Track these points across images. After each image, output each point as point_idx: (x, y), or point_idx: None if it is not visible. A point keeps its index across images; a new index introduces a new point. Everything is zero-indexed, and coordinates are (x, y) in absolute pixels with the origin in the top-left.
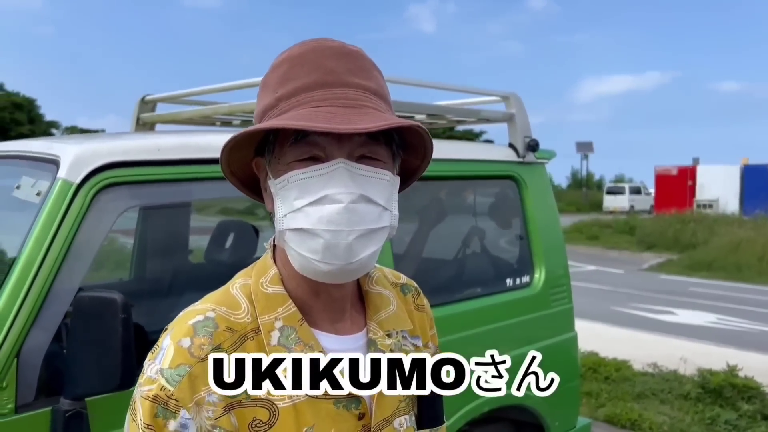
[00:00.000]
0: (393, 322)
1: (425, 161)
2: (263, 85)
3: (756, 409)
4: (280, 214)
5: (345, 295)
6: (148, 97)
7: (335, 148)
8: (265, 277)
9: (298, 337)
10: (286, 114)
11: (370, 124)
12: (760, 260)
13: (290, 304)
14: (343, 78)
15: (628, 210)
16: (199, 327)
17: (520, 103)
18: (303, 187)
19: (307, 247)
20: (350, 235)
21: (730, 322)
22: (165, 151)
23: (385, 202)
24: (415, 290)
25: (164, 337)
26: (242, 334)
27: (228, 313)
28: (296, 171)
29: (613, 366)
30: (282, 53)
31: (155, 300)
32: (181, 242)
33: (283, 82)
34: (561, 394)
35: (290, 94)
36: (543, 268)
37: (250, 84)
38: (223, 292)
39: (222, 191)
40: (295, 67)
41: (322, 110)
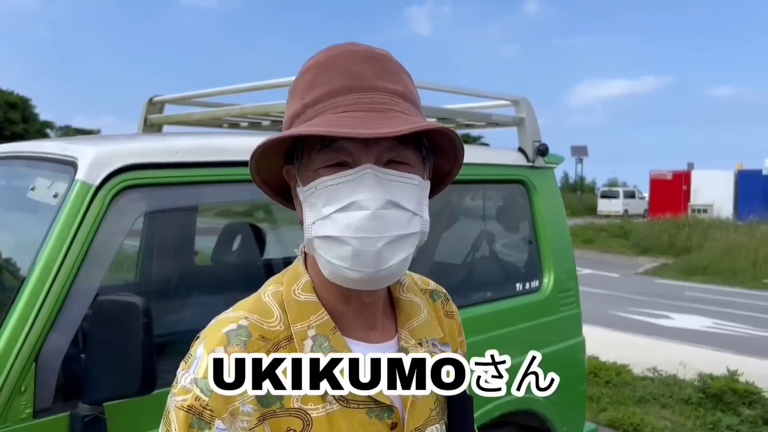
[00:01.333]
0: (424, 330)
1: (457, 164)
2: (291, 91)
3: (758, 414)
4: (309, 221)
5: (376, 302)
6: (155, 98)
7: (362, 154)
8: (297, 285)
9: (331, 346)
10: (313, 120)
11: (396, 128)
12: (754, 265)
13: (323, 312)
14: (370, 82)
15: (622, 214)
16: (232, 336)
17: (529, 108)
18: (330, 194)
19: (336, 255)
20: (379, 242)
21: (727, 327)
22: (182, 154)
23: (415, 207)
24: (444, 296)
25: (197, 346)
26: (275, 342)
27: (261, 321)
28: (324, 178)
29: (614, 370)
30: (309, 59)
31: (163, 302)
32: (188, 244)
33: (309, 88)
34: (569, 398)
35: (317, 100)
36: (552, 272)
37: (258, 87)
38: (255, 300)
39: (240, 194)
40: (321, 72)
41: (349, 115)
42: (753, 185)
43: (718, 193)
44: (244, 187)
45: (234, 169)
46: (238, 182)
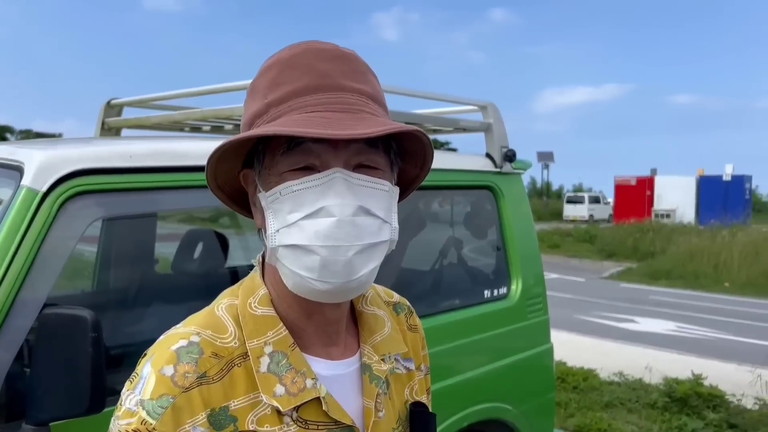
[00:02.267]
0: (388, 345)
1: (425, 169)
2: (251, 90)
3: (722, 418)
4: (272, 229)
5: (340, 317)
6: (113, 101)
7: (331, 157)
8: (253, 298)
9: (290, 363)
10: (278, 120)
11: (368, 129)
12: (715, 269)
13: (281, 327)
14: (337, 81)
15: (588, 219)
16: (182, 353)
17: (497, 113)
18: (297, 200)
19: (302, 265)
20: (349, 251)
21: (690, 330)
22: (138, 158)
23: (385, 215)
24: (408, 309)
25: (144, 364)
26: (229, 360)
27: (214, 337)
28: (289, 182)
29: (581, 375)
30: (271, 56)
31: (120, 312)
32: (148, 252)
33: (272, 86)
34: (537, 406)
35: (281, 100)
36: (520, 279)
37: (221, 89)
38: (207, 314)
39: (202, 201)
40: (285, 70)
41: (317, 115)
42: (714, 191)
43: (680, 198)
44: (206, 194)
45: (194, 175)
46: (199, 188)
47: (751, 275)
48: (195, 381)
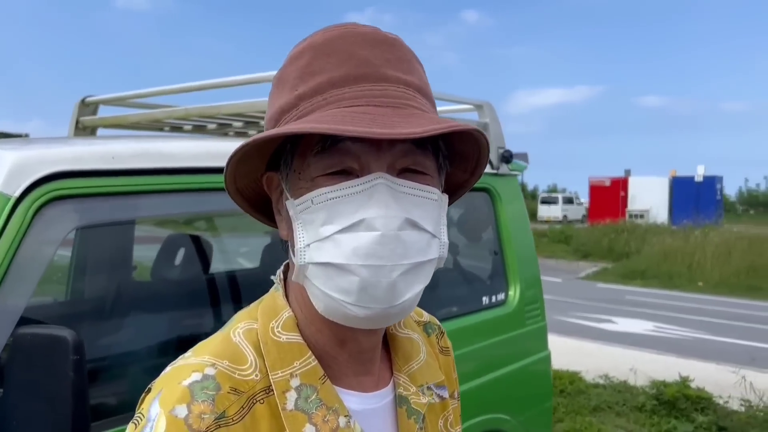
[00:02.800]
0: (425, 374)
1: (476, 174)
2: (279, 80)
3: (711, 421)
4: (302, 243)
5: (376, 344)
6: (88, 99)
7: (372, 159)
8: (276, 321)
9: (320, 399)
10: (310, 116)
11: (419, 128)
12: (689, 268)
13: (309, 356)
14: (380, 71)
15: (561, 219)
16: (196, 389)
17: (493, 113)
18: (332, 210)
19: (337, 287)
20: (394, 272)
21: (668, 330)
22: (121, 159)
23: (434, 228)
24: (439, 330)
25: (150, 403)
26: (250, 395)
27: (231, 369)
28: (324, 189)
29: (567, 378)
30: (302, 41)
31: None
32: (125, 259)
33: (304, 76)
34: (535, 416)
35: (314, 91)
36: (518, 284)
37: (201, 87)
38: (222, 340)
39: (189, 205)
40: (319, 57)
41: (357, 110)
42: (686, 191)
43: (653, 198)
44: (194, 198)
45: (182, 177)
46: (187, 191)
47: (724, 274)
48: (213, 423)
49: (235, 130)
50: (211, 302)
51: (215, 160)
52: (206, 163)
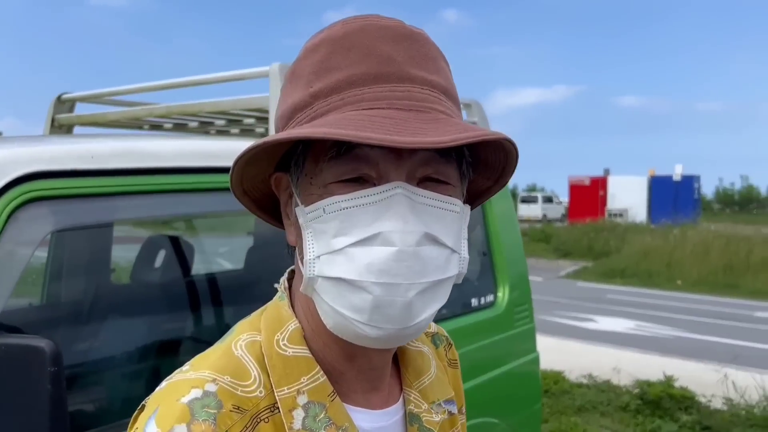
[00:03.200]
0: (436, 389)
1: (500, 183)
2: (292, 75)
3: (695, 420)
4: (312, 254)
5: (388, 361)
6: (65, 96)
7: (392, 167)
8: (281, 333)
9: (329, 417)
10: (326, 117)
11: (446, 137)
12: (668, 267)
13: (318, 371)
14: (404, 69)
15: (541, 219)
16: (197, 407)
17: (481, 111)
18: (346, 220)
19: (348, 304)
20: (410, 291)
21: (648, 329)
22: (101, 159)
23: (454, 243)
24: (447, 341)
25: (145, 422)
26: (254, 414)
27: (234, 385)
28: (337, 197)
29: (552, 378)
30: (318, 33)
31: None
32: (104, 262)
33: (320, 72)
34: (525, 418)
35: (331, 90)
36: (507, 285)
37: (182, 84)
38: (223, 354)
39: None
40: (337, 52)
41: (377, 114)
42: (665, 190)
43: (632, 198)
44: (180, 199)
45: (166, 178)
46: (172, 192)
47: (702, 273)
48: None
49: (218, 128)
50: (193, 305)
51: (201, 160)
52: (192, 163)
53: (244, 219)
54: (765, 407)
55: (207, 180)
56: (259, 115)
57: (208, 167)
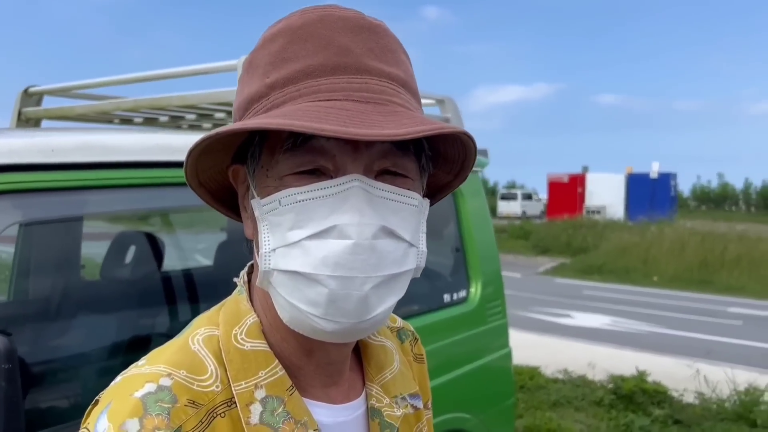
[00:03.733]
0: (399, 384)
1: (460, 177)
2: (249, 66)
3: (667, 414)
4: (267, 247)
5: (347, 356)
6: (32, 89)
7: (348, 160)
8: (239, 328)
9: (287, 412)
10: (282, 108)
11: (403, 129)
12: (644, 263)
13: (276, 365)
14: (362, 61)
15: (521, 215)
16: (150, 402)
17: (455, 108)
18: (302, 213)
19: (304, 297)
20: (366, 284)
21: (624, 324)
22: (61, 153)
23: (412, 237)
24: (413, 336)
25: (97, 417)
26: (210, 408)
27: (189, 380)
28: (293, 189)
29: (527, 374)
30: (277, 22)
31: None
32: (72, 258)
33: (277, 63)
34: (497, 414)
35: (288, 80)
36: (479, 281)
37: (152, 77)
38: (179, 348)
39: (137, 202)
40: (295, 42)
41: (333, 105)
42: (642, 188)
43: (610, 195)
44: (143, 193)
45: (129, 172)
46: (135, 187)
47: (678, 269)
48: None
49: (189, 123)
50: (164, 301)
51: (165, 154)
52: (155, 157)
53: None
54: (735, 401)
55: (170, 174)
56: (229, 109)
57: (171, 161)
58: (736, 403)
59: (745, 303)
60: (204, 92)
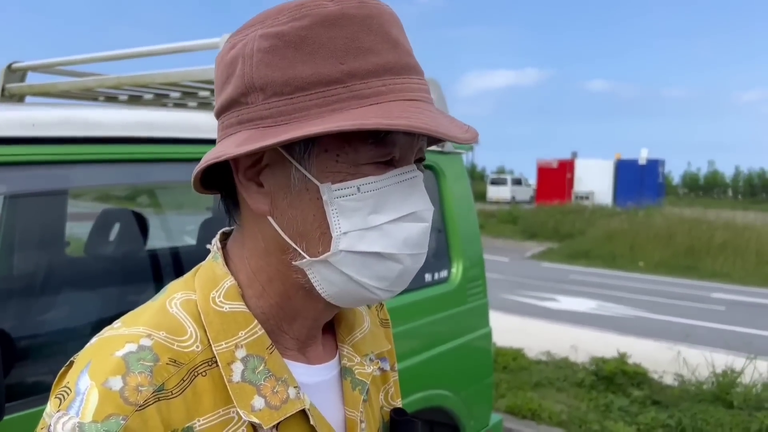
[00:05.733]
0: (370, 343)
1: None
2: (305, 42)
3: (645, 395)
4: (338, 230)
5: (328, 317)
6: (15, 65)
7: (409, 151)
8: (216, 291)
9: (268, 370)
10: (372, 100)
11: (472, 133)
12: (631, 249)
13: (255, 325)
14: (412, 60)
15: (510, 200)
16: (132, 360)
17: (439, 90)
18: (381, 199)
19: (375, 274)
20: (423, 258)
21: (609, 309)
22: (42, 127)
23: None
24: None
25: (78, 375)
26: (191, 367)
27: (170, 340)
28: (372, 177)
29: (510, 355)
30: (322, 2)
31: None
32: (58, 234)
33: (353, 51)
34: (476, 392)
35: (369, 73)
36: (461, 261)
37: (138, 54)
38: (157, 311)
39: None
40: (363, 32)
41: (419, 106)
42: (630, 174)
43: (599, 181)
44: (122, 169)
45: (109, 147)
46: (115, 162)
47: (664, 255)
48: (151, 396)
49: (173, 101)
50: (147, 278)
51: (146, 130)
52: (136, 133)
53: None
54: (713, 383)
55: (152, 150)
56: (213, 87)
57: (152, 137)
58: (714, 384)
59: (729, 289)
60: (186, 69)
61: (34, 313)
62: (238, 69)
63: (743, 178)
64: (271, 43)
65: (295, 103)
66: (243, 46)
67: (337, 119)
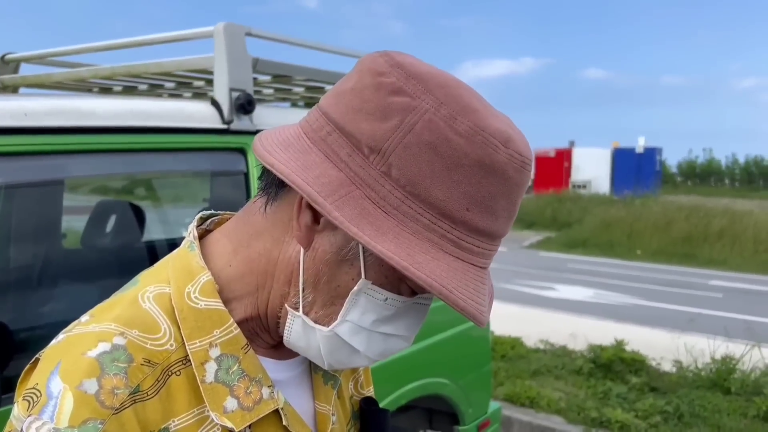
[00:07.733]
0: None
1: None
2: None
3: (643, 382)
4: (341, 317)
5: None
6: (9, 56)
7: None
8: (192, 285)
9: (242, 370)
10: (459, 264)
11: (487, 316)
12: (629, 237)
13: (231, 323)
14: (507, 229)
15: None
16: (106, 361)
17: None
18: (395, 314)
19: (336, 357)
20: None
21: (607, 297)
22: (34, 117)
23: None
24: None
25: (47, 376)
26: (165, 367)
27: (143, 339)
28: (403, 297)
29: (509, 344)
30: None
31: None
32: (53, 225)
33: (485, 208)
34: (474, 380)
35: (478, 231)
36: None
37: (132, 43)
38: (129, 305)
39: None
40: (504, 197)
41: (483, 277)
42: (627, 162)
43: (596, 169)
44: (115, 159)
45: (102, 137)
46: (108, 152)
47: (662, 243)
48: (127, 398)
49: (168, 92)
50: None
51: (139, 120)
52: (130, 122)
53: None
54: (711, 370)
55: (145, 140)
56: (208, 77)
57: (145, 127)
58: (712, 371)
59: (727, 276)
60: (180, 59)
61: (30, 305)
62: (389, 124)
63: (739, 166)
64: (433, 141)
65: (407, 205)
66: (410, 108)
67: (424, 257)
